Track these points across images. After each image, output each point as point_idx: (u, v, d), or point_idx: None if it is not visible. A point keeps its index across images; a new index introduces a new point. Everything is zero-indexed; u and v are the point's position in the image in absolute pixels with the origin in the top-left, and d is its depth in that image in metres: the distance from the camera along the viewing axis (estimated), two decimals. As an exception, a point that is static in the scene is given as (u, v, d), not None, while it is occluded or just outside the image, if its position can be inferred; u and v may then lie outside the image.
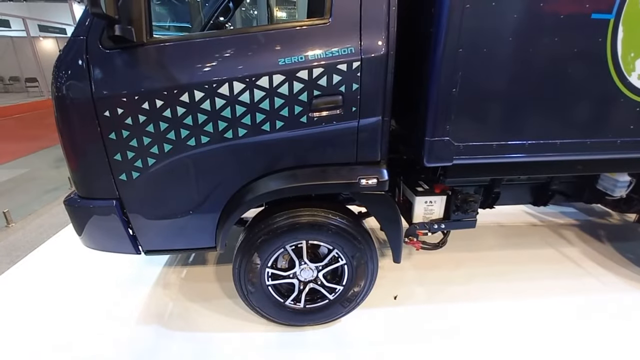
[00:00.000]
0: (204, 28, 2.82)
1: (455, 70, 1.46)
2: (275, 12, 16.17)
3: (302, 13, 8.71)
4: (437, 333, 1.99)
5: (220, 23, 2.79)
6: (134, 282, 2.42)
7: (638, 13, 1.47)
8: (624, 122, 1.65)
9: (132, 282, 2.43)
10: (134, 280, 2.44)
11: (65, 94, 1.44)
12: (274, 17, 16.27)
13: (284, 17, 19.57)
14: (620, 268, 2.63)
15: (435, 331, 2.00)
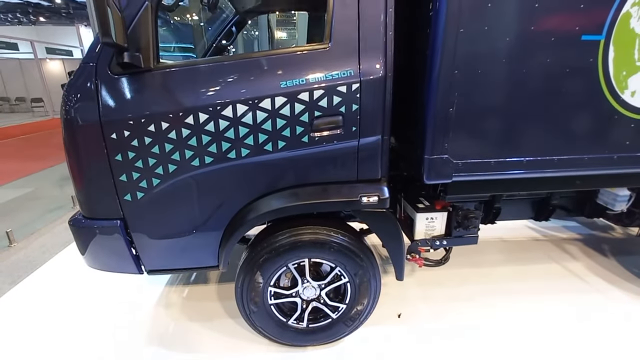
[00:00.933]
0: (208, 50, 2.92)
1: (452, 91, 1.51)
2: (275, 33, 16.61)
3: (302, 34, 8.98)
4: (443, 352, 1.96)
5: (223, 46, 2.89)
6: (135, 302, 2.41)
7: (628, 33, 1.53)
8: (620, 138, 1.68)
9: (134, 302, 2.41)
10: (135, 301, 2.42)
11: (74, 117, 1.49)
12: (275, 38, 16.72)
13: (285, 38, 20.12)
14: (625, 283, 2.60)
15: (441, 350, 1.97)
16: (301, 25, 8.81)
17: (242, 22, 2.86)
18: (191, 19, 4.80)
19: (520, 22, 1.46)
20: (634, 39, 1.54)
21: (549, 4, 1.44)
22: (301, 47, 1.54)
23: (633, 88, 1.61)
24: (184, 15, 7.63)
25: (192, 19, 5.07)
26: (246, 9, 2.73)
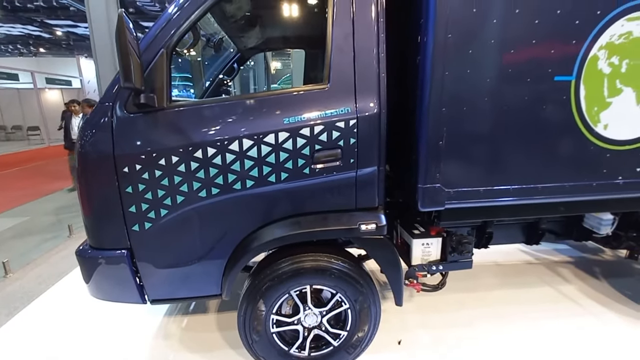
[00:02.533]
0: (211, 84, 3.09)
1: (441, 126, 1.65)
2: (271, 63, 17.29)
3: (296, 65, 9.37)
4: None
5: (225, 80, 3.06)
6: (134, 333, 2.38)
7: (597, 74, 1.70)
8: (597, 166, 1.82)
9: (133, 333, 2.39)
10: (134, 332, 2.40)
11: (89, 151, 1.59)
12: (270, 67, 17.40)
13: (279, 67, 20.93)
14: (619, 305, 2.66)
15: (441, 377, 1.98)
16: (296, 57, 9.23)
17: (243, 59, 3.06)
18: (195, 55, 5.01)
19: (498, 65, 1.63)
20: (602, 78, 1.71)
21: (524, 49, 1.62)
22: (302, 87, 1.68)
23: (605, 122, 1.76)
24: (187, 53, 7.99)
25: (195, 56, 5.32)
26: (248, 47, 2.93)
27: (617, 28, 1.64)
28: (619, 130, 1.77)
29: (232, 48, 2.98)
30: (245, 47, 2.85)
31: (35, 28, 19.93)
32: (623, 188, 1.84)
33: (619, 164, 1.81)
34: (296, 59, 9.10)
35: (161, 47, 1.54)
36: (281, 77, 20.28)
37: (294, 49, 3.04)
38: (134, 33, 1.35)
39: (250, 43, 2.79)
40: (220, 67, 3.03)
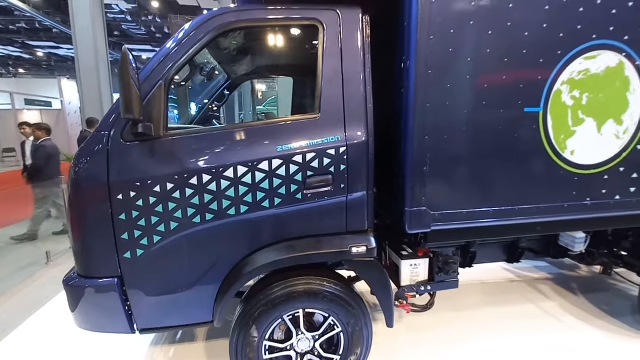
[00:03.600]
0: (201, 110, 3.15)
1: (424, 153, 1.76)
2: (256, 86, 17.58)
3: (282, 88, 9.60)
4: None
5: (216, 107, 3.13)
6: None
7: (561, 105, 1.88)
8: (567, 189, 1.97)
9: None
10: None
11: (83, 179, 1.60)
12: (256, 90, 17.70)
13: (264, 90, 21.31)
14: (597, 320, 2.78)
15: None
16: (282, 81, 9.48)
17: (233, 86, 3.15)
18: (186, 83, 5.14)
19: (473, 98, 1.78)
20: (566, 109, 1.89)
21: (496, 83, 1.78)
22: (294, 117, 1.77)
23: (572, 148, 1.93)
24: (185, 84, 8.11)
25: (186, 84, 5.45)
26: (238, 75, 3.04)
27: (576, 66, 1.84)
28: (585, 156, 1.94)
29: (222, 75, 3.08)
30: (236, 75, 2.95)
31: (15, 49, 19.65)
32: (591, 209, 1.99)
33: (586, 187, 1.97)
34: (282, 83, 9.35)
35: (160, 79, 1.61)
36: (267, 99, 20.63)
37: (283, 76, 3.17)
38: (135, 66, 1.42)
39: (241, 71, 2.89)
40: (211, 93, 3.11)
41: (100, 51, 7.39)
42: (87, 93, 7.29)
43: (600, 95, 1.90)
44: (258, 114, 17.28)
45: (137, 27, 23.26)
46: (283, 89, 9.46)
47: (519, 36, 1.75)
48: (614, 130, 1.94)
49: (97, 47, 7.26)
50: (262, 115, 17.10)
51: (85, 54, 7.13)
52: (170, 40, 1.68)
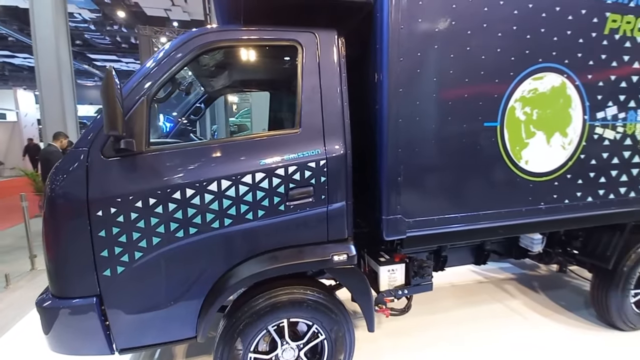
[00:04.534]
0: (176, 123, 3.14)
1: (398, 164, 1.90)
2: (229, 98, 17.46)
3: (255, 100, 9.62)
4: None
5: (192, 120, 3.14)
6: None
7: (515, 120, 2.10)
8: (524, 195, 2.18)
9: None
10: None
11: (61, 197, 1.57)
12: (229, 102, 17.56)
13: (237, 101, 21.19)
14: (557, 315, 3.03)
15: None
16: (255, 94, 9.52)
17: (210, 100, 3.18)
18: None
19: (440, 114, 1.95)
20: (520, 124, 2.12)
21: (459, 100, 1.97)
22: (276, 132, 1.85)
23: (526, 158, 2.15)
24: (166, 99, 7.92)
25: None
26: (215, 89, 3.07)
27: (526, 85, 2.08)
28: (537, 165, 2.17)
29: (199, 89, 3.10)
30: (213, 89, 2.99)
31: (-36, 58, 18.22)
32: (545, 212, 2.22)
33: (540, 192, 2.20)
34: (256, 96, 9.38)
35: (142, 96, 1.63)
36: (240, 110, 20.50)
37: (261, 91, 3.25)
38: (119, 84, 1.44)
39: (219, 86, 2.93)
40: (186, 107, 3.11)
41: (63, 62, 7.07)
42: (48, 105, 6.90)
43: (547, 111, 2.15)
44: (231, 126, 17.12)
45: (101, 37, 22.46)
46: (257, 102, 9.49)
47: (477, 59, 1.96)
48: (560, 141, 2.19)
49: (59, 58, 6.94)
50: (236, 127, 16.95)
51: (47, 64, 6.79)
52: (153, 57, 1.71)
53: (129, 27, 20.36)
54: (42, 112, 7.05)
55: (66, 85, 7.21)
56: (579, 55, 2.15)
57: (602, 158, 2.31)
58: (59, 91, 7.01)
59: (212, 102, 3.30)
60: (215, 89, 2.93)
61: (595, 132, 2.27)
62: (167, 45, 1.74)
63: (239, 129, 16.45)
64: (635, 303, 2.73)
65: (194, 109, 3.11)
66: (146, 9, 18.10)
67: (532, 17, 2.01)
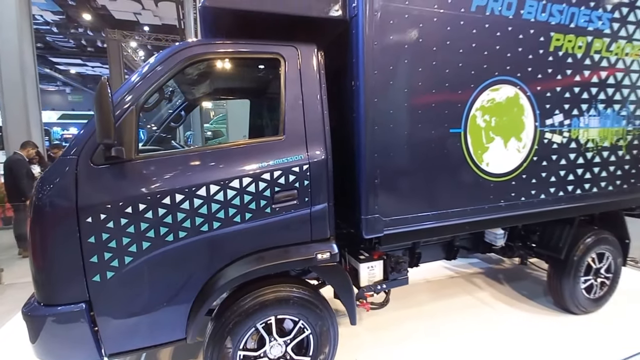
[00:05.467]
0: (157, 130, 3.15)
1: (375, 168, 2.06)
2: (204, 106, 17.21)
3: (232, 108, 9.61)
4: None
5: (173, 127, 3.16)
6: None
7: (477, 127, 2.34)
8: (486, 194, 2.42)
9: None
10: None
11: (49, 204, 1.59)
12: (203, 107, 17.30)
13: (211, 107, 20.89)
14: (519, 303, 3.32)
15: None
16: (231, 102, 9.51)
17: (190, 107, 3.23)
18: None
19: (410, 121, 2.15)
20: (480, 130, 2.36)
21: (427, 109, 2.17)
22: (262, 139, 1.96)
23: (487, 161, 2.40)
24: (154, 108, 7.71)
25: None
26: (196, 97, 3.13)
27: (485, 96, 2.33)
28: (497, 167, 2.42)
29: (180, 97, 3.14)
30: (194, 97, 3.04)
31: None
32: (505, 209, 2.47)
33: (500, 191, 2.45)
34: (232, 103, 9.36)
35: (131, 105, 1.69)
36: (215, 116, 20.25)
37: (242, 99, 3.33)
38: (111, 95, 1.50)
39: (200, 94, 2.99)
40: (166, 115, 3.14)
41: (27, 66, 6.75)
42: (11, 111, 6.54)
43: (504, 119, 2.41)
44: (206, 132, 16.87)
45: (65, 39, 21.42)
46: (233, 109, 9.46)
47: (442, 72, 2.18)
48: (515, 145, 2.46)
49: (23, 62, 6.62)
50: (211, 132, 16.73)
51: (9, 68, 6.44)
52: (141, 68, 1.78)
53: (96, 30, 19.60)
54: (3, 119, 6.67)
55: (30, 90, 6.88)
56: (529, 69, 2.44)
57: (551, 160, 2.60)
58: (23, 97, 6.68)
59: (192, 109, 3.34)
60: (196, 97, 2.99)
61: (545, 137, 2.56)
62: (156, 56, 1.81)
63: (214, 135, 16.27)
64: (585, 289, 3.06)
65: (174, 117, 3.14)
66: (114, 12, 17.53)
67: (489, 36, 2.27)
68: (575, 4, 2.51)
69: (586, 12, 2.57)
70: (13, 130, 6.49)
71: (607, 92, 2.77)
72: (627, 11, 2.74)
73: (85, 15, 17.48)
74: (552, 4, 2.44)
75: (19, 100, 6.64)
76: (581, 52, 2.61)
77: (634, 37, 2.81)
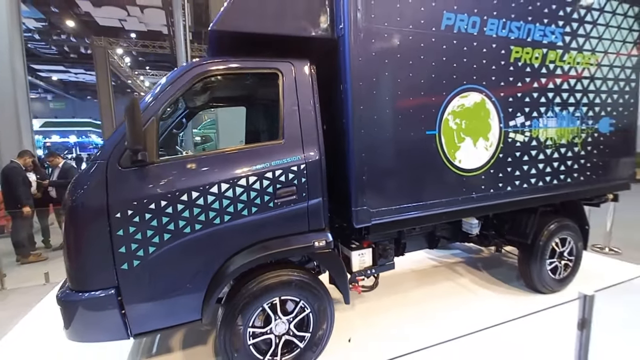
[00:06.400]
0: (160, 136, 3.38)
1: (363, 166, 2.38)
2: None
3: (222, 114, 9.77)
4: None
5: (175, 134, 3.41)
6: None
7: (449, 129, 2.69)
8: (459, 187, 2.78)
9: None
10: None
11: (83, 202, 1.83)
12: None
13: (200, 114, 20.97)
14: (496, 287, 3.69)
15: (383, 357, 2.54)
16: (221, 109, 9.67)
17: (192, 115, 3.48)
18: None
19: (392, 125, 2.48)
20: (452, 132, 2.71)
21: (406, 114, 2.51)
22: (264, 143, 2.26)
23: (459, 158, 2.75)
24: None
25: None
26: (197, 106, 3.39)
27: (455, 102, 2.69)
28: (468, 163, 2.78)
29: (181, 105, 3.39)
30: (195, 106, 3.30)
31: None
32: (476, 200, 2.83)
33: (472, 185, 2.81)
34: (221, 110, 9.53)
35: (152, 116, 1.95)
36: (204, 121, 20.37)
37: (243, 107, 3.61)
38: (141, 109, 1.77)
39: (201, 103, 3.25)
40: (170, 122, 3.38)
41: (18, 76, 6.82)
42: (2, 121, 6.60)
43: (473, 121, 2.77)
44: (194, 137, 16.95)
45: (47, 46, 21.11)
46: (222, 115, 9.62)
47: (418, 82, 2.53)
48: (484, 144, 2.83)
49: (14, 71, 6.69)
50: (200, 137, 16.85)
51: (1, 78, 6.52)
52: (160, 83, 2.05)
53: (79, 36, 19.42)
54: (-5, 128, 6.72)
55: (22, 100, 6.94)
56: (493, 78, 2.82)
57: (515, 156, 2.99)
58: (14, 107, 6.74)
59: (193, 116, 3.59)
60: (198, 105, 3.25)
61: (509, 136, 2.94)
62: (170, 73, 2.09)
63: (204, 139, 16.41)
64: (550, 270, 3.45)
65: (176, 124, 3.39)
66: (99, 19, 17.45)
67: (457, 50, 2.63)
68: (531, 21, 2.92)
69: (541, 27, 2.98)
70: (5, 139, 6.55)
71: (562, 97, 3.19)
72: (576, 26, 3.17)
73: (68, 22, 17.33)
74: (511, 21, 2.83)
75: (11, 109, 6.70)
76: (538, 62, 3.01)
77: (583, 48, 3.24)
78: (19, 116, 6.83)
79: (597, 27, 3.27)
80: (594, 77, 3.33)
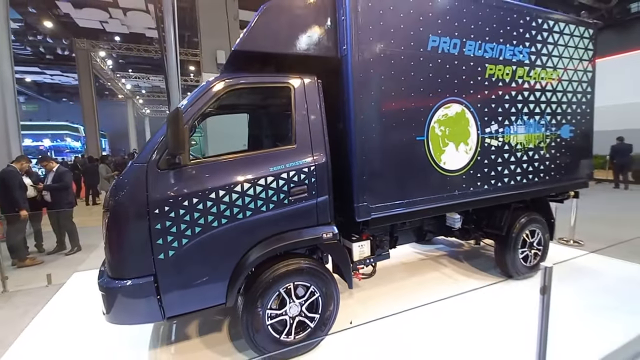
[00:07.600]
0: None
1: (364, 167, 2.75)
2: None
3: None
4: (382, 340, 2.88)
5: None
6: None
7: (436, 135, 3.10)
8: (444, 185, 3.19)
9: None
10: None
11: (126, 200, 2.09)
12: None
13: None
14: (475, 275, 4.14)
15: (381, 339, 2.89)
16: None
17: (203, 119, 3.73)
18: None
19: (387, 132, 2.86)
20: (438, 138, 3.13)
21: (399, 122, 2.90)
22: (280, 148, 2.58)
23: (444, 160, 3.17)
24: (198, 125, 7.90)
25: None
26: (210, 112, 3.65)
27: (441, 112, 3.11)
28: (451, 165, 3.20)
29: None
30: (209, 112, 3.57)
31: None
32: (458, 197, 3.26)
33: (454, 183, 3.23)
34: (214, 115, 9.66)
35: (185, 124, 2.23)
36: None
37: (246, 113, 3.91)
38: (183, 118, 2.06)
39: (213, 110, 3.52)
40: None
41: (5, 79, 6.78)
42: (-8, 125, 6.55)
43: (455, 129, 3.21)
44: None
45: (22, 47, 20.40)
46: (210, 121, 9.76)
47: (409, 95, 2.93)
48: (464, 148, 3.27)
49: (2, 75, 6.66)
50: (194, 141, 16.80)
51: (-10, 82, 6.48)
52: (190, 96, 2.34)
53: (57, 38, 18.92)
54: (-17, 133, 6.64)
55: (9, 104, 6.90)
56: (471, 91, 3.27)
57: (491, 159, 3.45)
58: (2, 111, 6.70)
59: (203, 120, 3.85)
60: (211, 112, 3.51)
61: (485, 141, 3.40)
62: (200, 87, 2.39)
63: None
64: (522, 258, 3.93)
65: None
66: (78, 20, 17.11)
67: (441, 68, 3.06)
68: (502, 42, 3.40)
69: (510, 48, 3.47)
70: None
71: (529, 107, 3.69)
72: (540, 46, 3.69)
73: (46, 23, 16.91)
74: (486, 43, 3.30)
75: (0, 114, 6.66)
76: (508, 78, 3.50)
77: (547, 65, 3.77)
78: (7, 120, 6.78)
79: (557, 47, 3.81)
80: (556, 90, 3.86)
